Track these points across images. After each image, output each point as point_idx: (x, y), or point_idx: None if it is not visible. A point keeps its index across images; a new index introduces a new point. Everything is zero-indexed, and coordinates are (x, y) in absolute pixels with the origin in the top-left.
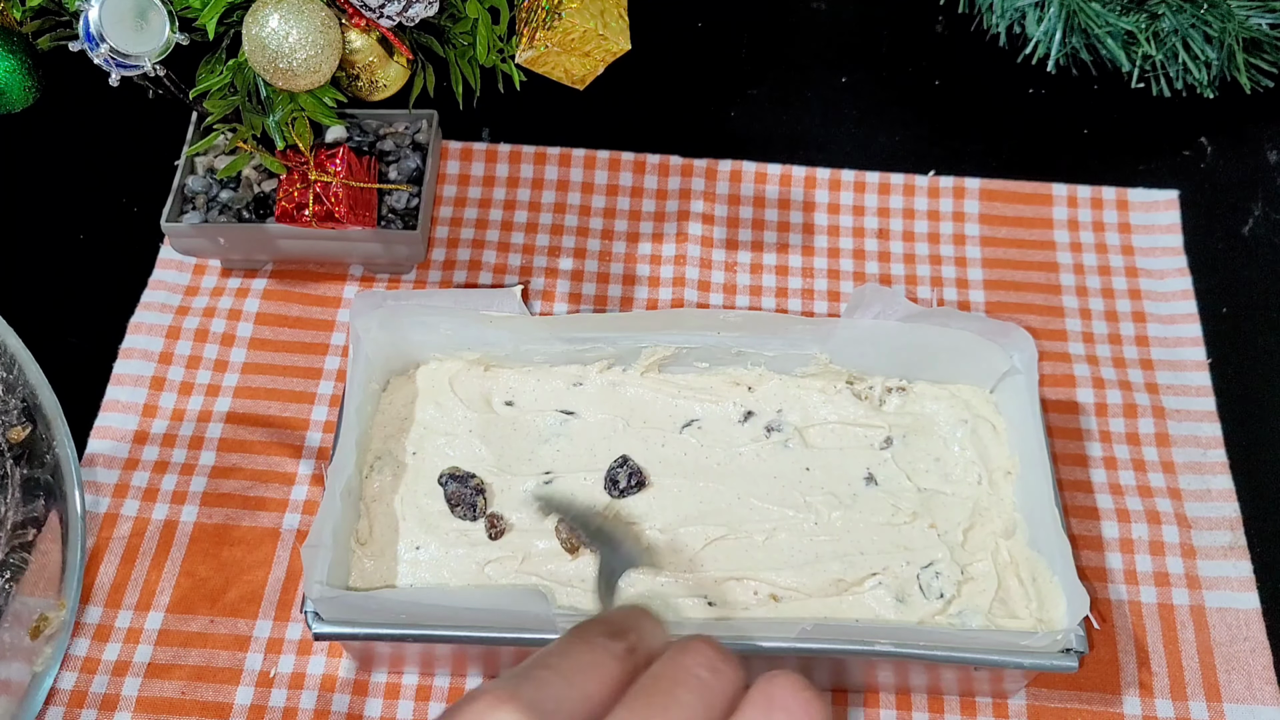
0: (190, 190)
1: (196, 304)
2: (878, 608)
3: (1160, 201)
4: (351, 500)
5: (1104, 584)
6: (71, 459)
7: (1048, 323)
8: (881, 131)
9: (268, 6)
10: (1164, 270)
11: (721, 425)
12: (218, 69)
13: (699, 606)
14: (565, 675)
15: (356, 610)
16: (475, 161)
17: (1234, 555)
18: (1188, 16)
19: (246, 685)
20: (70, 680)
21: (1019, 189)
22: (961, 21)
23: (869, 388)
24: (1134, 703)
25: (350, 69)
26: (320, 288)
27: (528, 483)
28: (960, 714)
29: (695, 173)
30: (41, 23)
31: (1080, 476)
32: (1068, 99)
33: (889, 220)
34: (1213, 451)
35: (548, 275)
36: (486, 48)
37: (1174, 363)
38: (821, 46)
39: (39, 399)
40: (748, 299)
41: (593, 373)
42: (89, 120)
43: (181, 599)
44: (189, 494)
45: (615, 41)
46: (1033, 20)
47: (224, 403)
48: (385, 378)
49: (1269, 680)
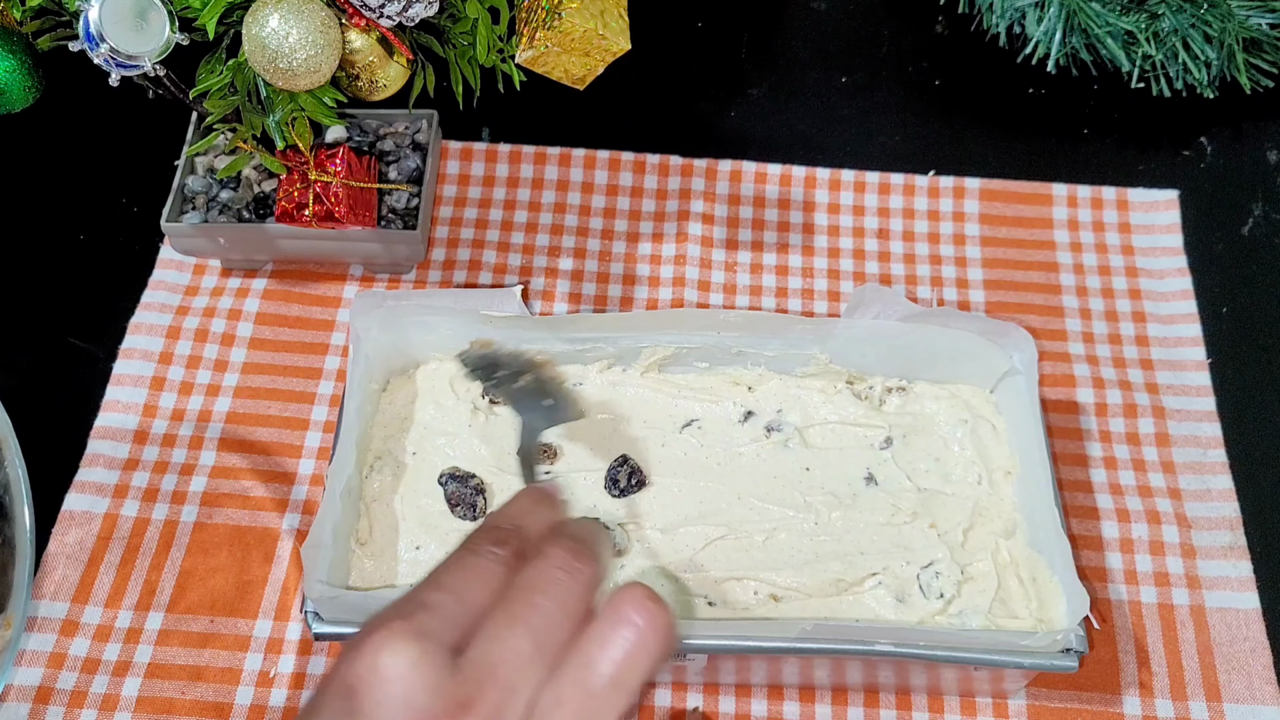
0: (190, 190)
1: (196, 304)
2: (878, 608)
3: (1160, 201)
4: (351, 500)
5: (1104, 584)
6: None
7: (1048, 323)
8: (881, 131)
9: (268, 6)
10: (1164, 270)
11: (721, 425)
12: (218, 69)
13: (699, 606)
14: (455, 592)
15: (357, 610)
16: (475, 161)
17: (1234, 555)
18: (1188, 16)
19: (246, 685)
20: (70, 680)
21: (1019, 189)
22: (961, 21)
23: (869, 388)
24: (1134, 703)
25: (350, 69)
26: (320, 288)
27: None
28: (960, 714)
29: (695, 173)
30: (41, 23)
31: (1080, 476)
32: (1068, 99)
33: (889, 220)
34: (1213, 451)
35: (548, 275)
36: (486, 48)
37: (1174, 363)
38: (821, 46)
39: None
40: (748, 299)
41: (593, 373)
42: (89, 120)
43: (181, 599)
44: (189, 494)
45: (615, 41)
46: (1033, 20)
47: (224, 403)
48: (385, 378)
49: (1269, 680)
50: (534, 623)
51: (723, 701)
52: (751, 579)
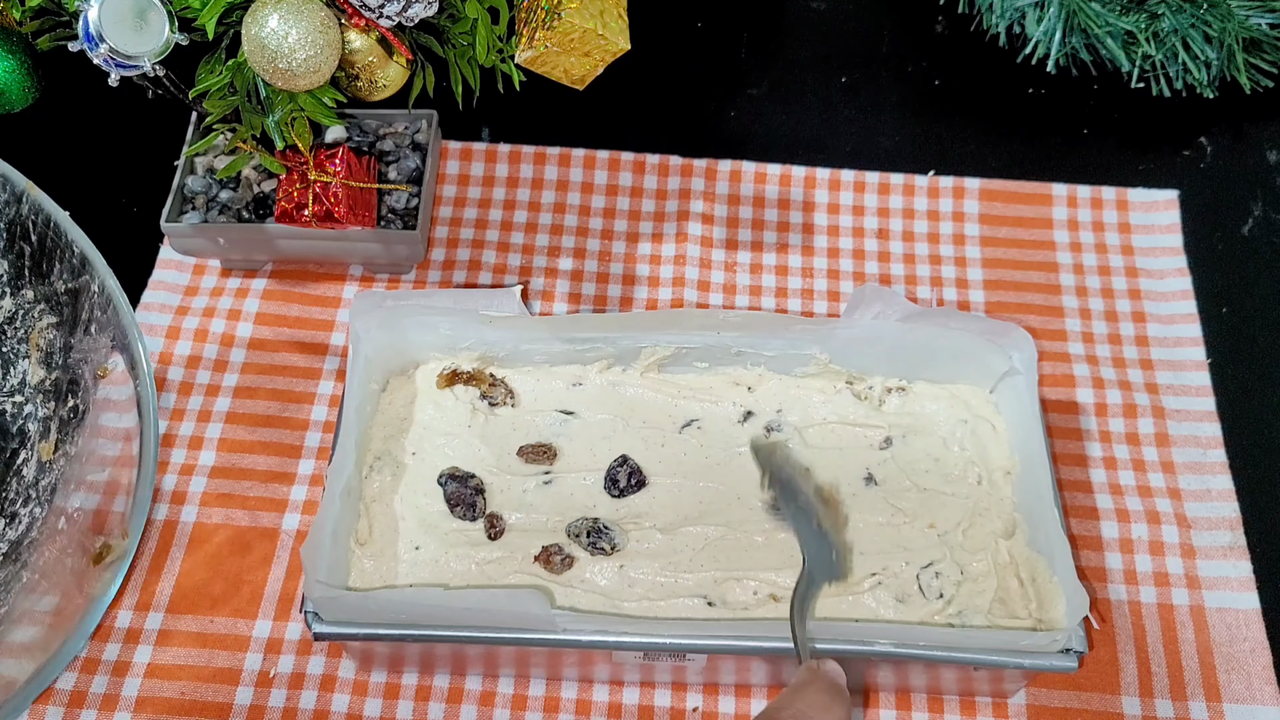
0: (190, 190)
1: (196, 304)
2: (878, 608)
3: (1160, 201)
4: (351, 500)
5: (1104, 584)
6: (151, 398)
7: (1048, 323)
8: (881, 131)
9: (267, 6)
10: (1164, 270)
11: (721, 425)
12: (217, 69)
13: (699, 606)
14: None
15: (356, 610)
16: (475, 161)
17: (1234, 555)
18: (1188, 16)
19: (246, 685)
20: (70, 680)
21: (1019, 189)
22: (961, 21)
23: (869, 388)
24: (1134, 703)
25: (350, 69)
26: (320, 288)
27: (527, 483)
28: (960, 714)
29: (695, 173)
30: (41, 23)
31: (1080, 476)
32: (1068, 99)
33: (889, 220)
34: (1213, 451)
35: (548, 275)
36: (486, 48)
37: (1174, 363)
38: (821, 46)
39: (128, 339)
40: (748, 299)
41: (593, 373)
42: (89, 120)
43: (181, 599)
44: (189, 494)
45: (615, 41)
46: (1033, 20)
47: (224, 403)
48: (385, 378)
49: (1269, 680)
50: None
51: (722, 701)
52: (751, 579)
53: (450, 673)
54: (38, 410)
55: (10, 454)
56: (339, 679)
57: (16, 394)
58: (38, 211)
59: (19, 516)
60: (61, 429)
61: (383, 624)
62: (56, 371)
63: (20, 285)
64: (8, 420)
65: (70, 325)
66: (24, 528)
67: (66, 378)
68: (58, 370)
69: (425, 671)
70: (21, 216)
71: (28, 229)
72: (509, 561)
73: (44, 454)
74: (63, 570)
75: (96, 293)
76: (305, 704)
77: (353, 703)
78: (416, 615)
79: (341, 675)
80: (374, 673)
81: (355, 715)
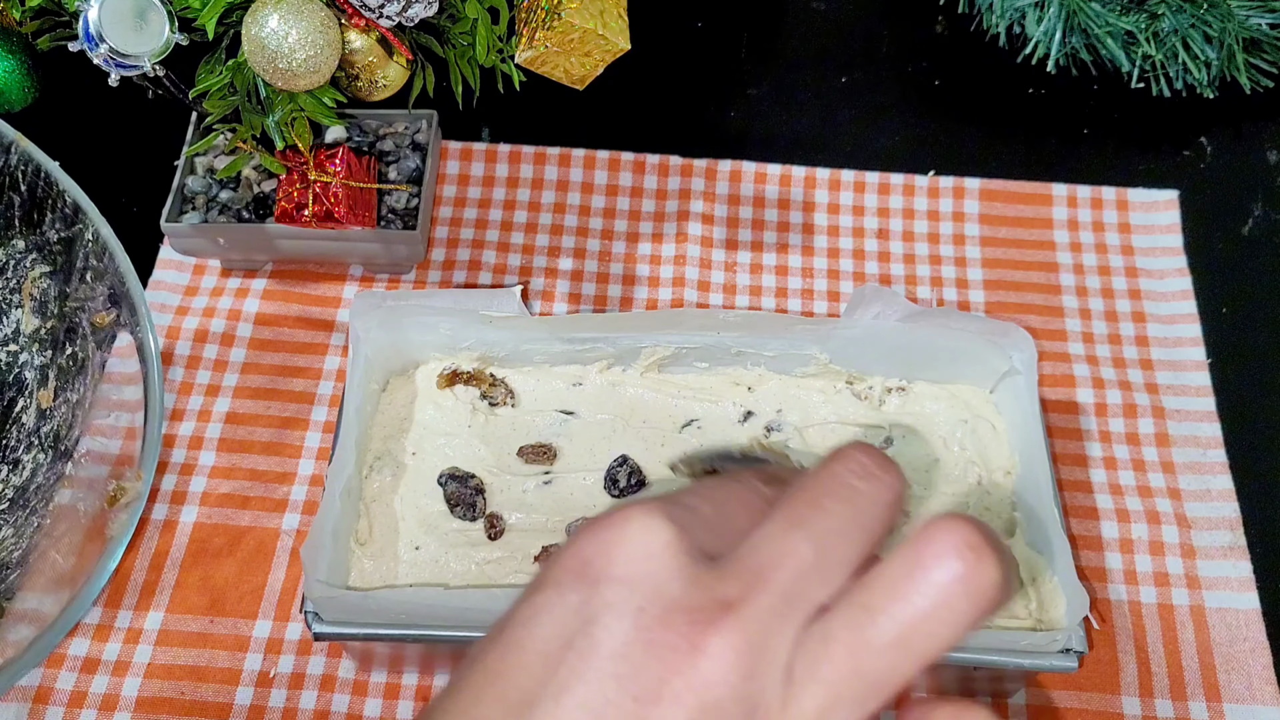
0: (190, 190)
1: (196, 304)
2: None
3: (1160, 201)
4: (351, 500)
5: (1104, 584)
6: (153, 344)
7: (1048, 323)
8: (881, 131)
9: (267, 6)
10: (1164, 270)
11: (721, 425)
12: (217, 69)
13: None
14: (714, 503)
15: (356, 610)
16: (475, 161)
17: (1234, 555)
18: (1188, 16)
19: (246, 685)
20: (70, 680)
21: (1019, 189)
22: (961, 21)
23: (869, 388)
24: (1134, 703)
25: (350, 69)
26: (320, 288)
27: (527, 483)
28: None
29: (695, 173)
30: (41, 23)
31: (1080, 476)
32: (1068, 99)
33: (889, 220)
34: (1213, 451)
35: (548, 275)
36: (486, 48)
37: (1174, 363)
38: (821, 46)
39: (126, 285)
40: (748, 299)
41: (593, 373)
42: (89, 120)
43: (181, 599)
44: (189, 494)
45: (615, 41)
46: (1033, 20)
47: (224, 403)
48: (385, 378)
49: (1269, 680)
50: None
51: None
52: None
53: (450, 673)
54: (34, 359)
55: (9, 402)
56: (339, 679)
57: (10, 343)
58: (27, 161)
59: (22, 463)
60: (60, 376)
61: (383, 624)
62: (52, 320)
63: (10, 235)
64: (2, 369)
65: (65, 274)
66: (28, 473)
67: (63, 326)
68: (53, 319)
69: (425, 671)
70: (10, 167)
71: (16, 179)
72: (509, 561)
73: (43, 401)
74: (77, 513)
75: (91, 241)
76: (305, 704)
77: (353, 703)
78: (416, 615)
79: (341, 675)
80: (374, 673)
81: (355, 715)
